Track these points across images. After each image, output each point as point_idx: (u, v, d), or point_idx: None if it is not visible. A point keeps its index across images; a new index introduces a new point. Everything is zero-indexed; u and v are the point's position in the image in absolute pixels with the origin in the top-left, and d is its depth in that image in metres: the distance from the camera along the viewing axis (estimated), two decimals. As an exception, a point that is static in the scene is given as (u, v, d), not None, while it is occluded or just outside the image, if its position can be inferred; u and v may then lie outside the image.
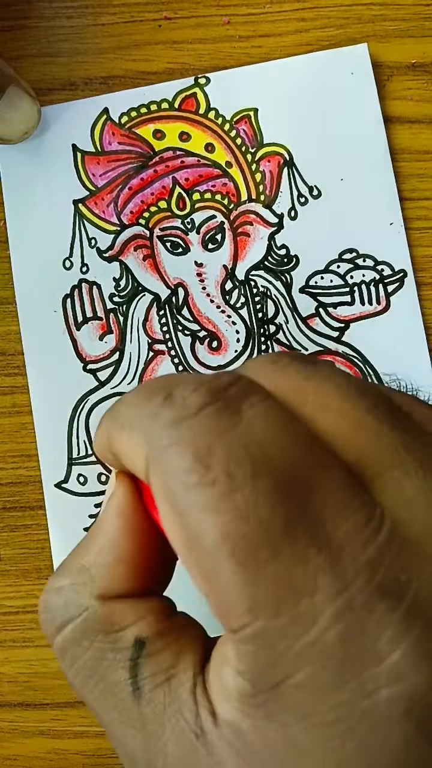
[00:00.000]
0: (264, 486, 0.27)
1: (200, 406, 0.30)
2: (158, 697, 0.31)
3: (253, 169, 0.55)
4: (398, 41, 0.56)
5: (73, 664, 0.33)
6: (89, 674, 0.33)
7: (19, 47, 0.57)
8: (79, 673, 0.33)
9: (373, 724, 0.26)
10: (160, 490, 0.29)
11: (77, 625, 0.34)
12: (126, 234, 0.55)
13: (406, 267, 0.54)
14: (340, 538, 0.27)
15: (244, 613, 0.27)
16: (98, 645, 0.33)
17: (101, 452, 0.36)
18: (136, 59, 0.57)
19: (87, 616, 0.34)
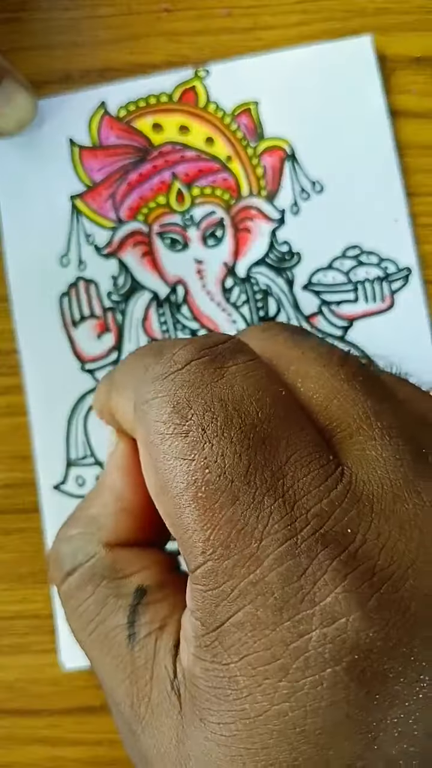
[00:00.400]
0: (232, 437, 0.30)
1: (186, 361, 0.32)
2: (149, 644, 0.33)
3: (254, 163, 0.54)
4: (402, 35, 0.55)
5: (76, 608, 0.35)
6: (90, 618, 0.35)
7: (14, 39, 0.56)
8: (81, 617, 0.35)
9: (305, 664, 0.27)
10: (141, 440, 0.32)
11: (84, 570, 0.36)
12: (124, 230, 0.54)
13: (411, 264, 0.53)
14: (297, 490, 0.29)
15: (199, 554, 0.29)
16: (102, 589, 0.35)
17: (100, 412, 0.39)
18: (135, 52, 0.56)
19: (94, 562, 0.36)
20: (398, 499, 0.29)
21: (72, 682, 0.54)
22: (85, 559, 0.36)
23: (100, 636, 0.34)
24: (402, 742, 0.28)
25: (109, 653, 0.34)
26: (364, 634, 0.27)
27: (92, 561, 0.36)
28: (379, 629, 0.27)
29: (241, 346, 0.33)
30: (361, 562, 0.28)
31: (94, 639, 0.34)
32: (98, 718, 0.53)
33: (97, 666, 0.35)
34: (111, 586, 0.35)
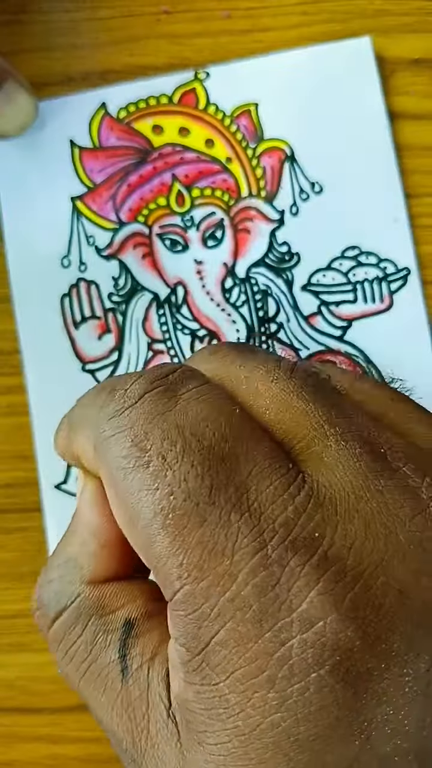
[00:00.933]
0: (192, 461, 0.30)
1: (140, 395, 0.32)
2: (142, 676, 0.33)
3: (253, 164, 0.54)
4: (401, 36, 0.56)
5: (66, 651, 0.35)
6: (82, 659, 0.34)
7: (15, 41, 0.56)
8: (73, 660, 0.34)
9: (290, 672, 0.28)
10: (104, 477, 0.32)
11: (70, 611, 0.35)
12: (125, 231, 0.55)
13: (410, 264, 0.53)
14: (262, 502, 0.29)
15: (175, 579, 0.29)
16: (90, 628, 0.35)
17: (63, 454, 0.39)
18: (135, 53, 0.56)
19: (79, 602, 0.35)
20: (361, 500, 0.30)
21: (73, 680, 0.54)
22: (69, 601, 0.36)
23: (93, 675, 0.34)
24: (394, 738, 0.28)
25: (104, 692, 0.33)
26: (343, 635, 0.27)
27: (77, 601, 0.36)
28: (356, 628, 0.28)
29: (192, 373, 0.34)
30: (332, 564, 0.28)
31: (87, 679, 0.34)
32: (99, 716, 0.54)
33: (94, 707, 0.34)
34: (99, 624, 0.35)
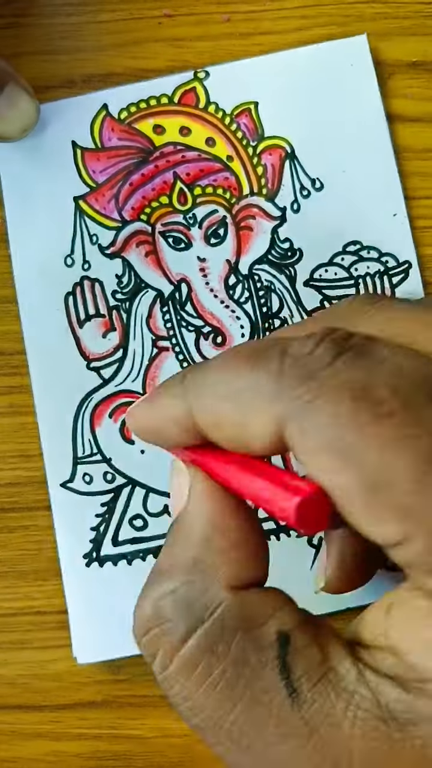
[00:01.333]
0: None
1: (333, 355, 0.29)
2: (321, 696, 0.29)
3: (254, 162, 0.55)
4: (399, 39, 0.56)
5: (206, 678, 0.30)
6: (230, 685, 0.30)
7: (17, 44, 0.57)
8: (216, 688, 0.30)
9: None
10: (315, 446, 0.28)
11: (210, 626, 0.31)
12: (128, 230, 0.55)
13: (410, 258, 0.54)
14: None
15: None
16: (239, 646, 0.30)
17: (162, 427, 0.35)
18: (136, 56, 0.57)
19: (222, 613, 0.31)
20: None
21: (74, 677, 0.54)
22: (206, 612, 0.31)
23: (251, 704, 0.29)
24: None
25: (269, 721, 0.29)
26: None
27: (218, 612, 0.31)
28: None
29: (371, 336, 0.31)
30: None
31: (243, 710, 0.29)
32: (100, 712, 0.54)
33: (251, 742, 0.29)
34: (249, 639, 0.30)
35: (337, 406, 0.28)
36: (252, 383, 0.30)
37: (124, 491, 0.53)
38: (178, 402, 0.33)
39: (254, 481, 0.32)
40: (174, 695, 0.31)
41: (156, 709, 0.53)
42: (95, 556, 0.53)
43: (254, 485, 0.32)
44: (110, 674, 0.54)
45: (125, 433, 0.54)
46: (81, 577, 0.53)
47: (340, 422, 0.28)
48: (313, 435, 0.28)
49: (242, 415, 0.31)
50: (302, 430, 0.29)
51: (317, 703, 0.29)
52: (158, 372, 0.54)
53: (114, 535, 0.53)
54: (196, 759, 0.53)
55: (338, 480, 0.28)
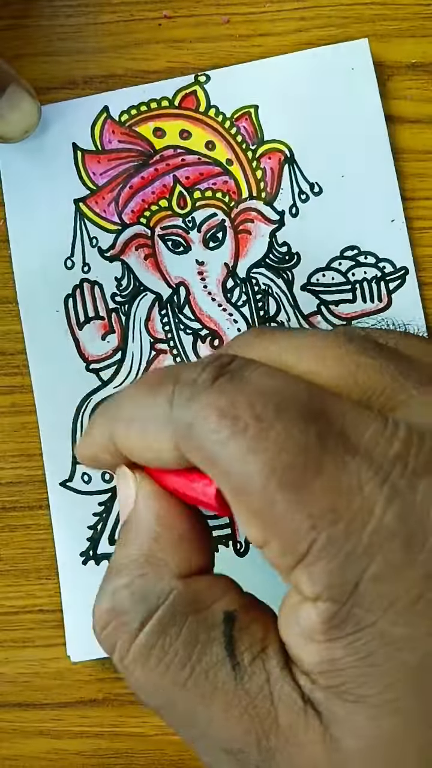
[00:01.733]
0: (291, 416, 0.30)
1: (211, 380, 0.32)
2: (258, 669, 0.31)
3: (253, 166, 0.55)
4: (398, 41, 0.56)
5: (161, 659, 0.32)
6: (183, 663, 0.32)
7: (18, 46, 0.57)
8: (170, 667, 0.32)
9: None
10: (201, 460, 0.31)
11: (163, 612, 0.33)
12: (127, 233, 0.55)
13: (407, 264, 0.54)
14: (367, 443, 0.30)
15: (307, 532, 0.29)
16: (189, 627, 0.33)
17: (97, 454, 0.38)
18: (136, 58, 0.57)
19: (173, 600, 0.33)
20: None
21: (75, 675, 0.54)
22: (158, 600, 0.33)
23: (200, 679, 0.32)
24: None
25: (215, 695, 0.31)
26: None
27: (170, 599, 0.33)
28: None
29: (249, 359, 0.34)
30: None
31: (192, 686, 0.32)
32: (101, 711, 0.54)
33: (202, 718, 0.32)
34: (198, 621, 0.33)
35: (209, 425, 0.30)
36: (151, 410, 0.33)
37: (122, 491, 0.54)
38: (103, 430, 0.36)
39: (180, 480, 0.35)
40: (134, 682, 0.33)
41: (157, 707, 0.54)
42: (92, 554, 0.53)
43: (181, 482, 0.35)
44: (111, 672, 0.54)
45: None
46: (77, 576, 0.54)
47: (211, 439, 0.30)
48: (197, 452, 0.31)
49: (147, 439, 0.34)
50: (190, 448, 0.32)
51: (255, 675, 0.31)
52: (156, 374, 0.54)
53: (111, 534, 0.53)
54: (197, 757, 0.53)
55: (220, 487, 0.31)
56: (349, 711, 0.29)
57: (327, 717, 0.30)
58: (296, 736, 0.30)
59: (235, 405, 0.30)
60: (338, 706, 0.30)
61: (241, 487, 0.30)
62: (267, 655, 0.32)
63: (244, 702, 0.31)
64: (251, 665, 0.32)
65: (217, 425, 0.30)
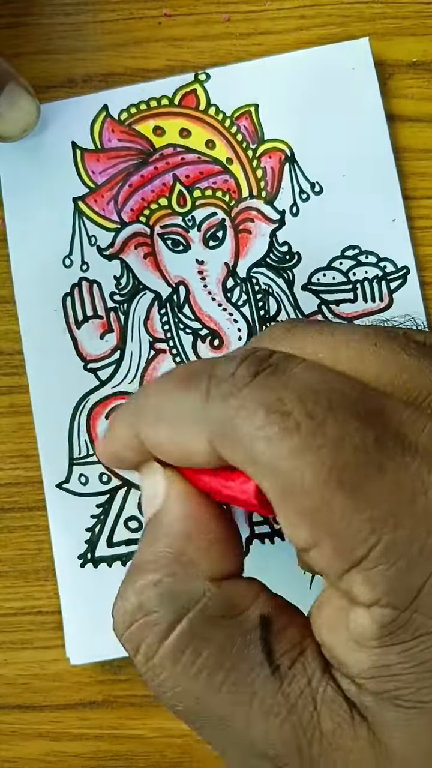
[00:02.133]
0: (345, 414, 0.29)
1: (252, 374, 0.31)
2: (299, 672, 0.31)
3: (254, 165, 0.55)
4: (399, 39, 0.56)
5: (193, 663, 0.31)
6: (216, 668, 0.31)
7: (17, 44, 0.57)
8: (203, 672, 0.31)
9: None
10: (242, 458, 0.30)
11: (196, 614, 0.32)
12: (126, 232, 0.55)
13: (408, 264, 0.54)
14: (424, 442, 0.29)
15: (367, 536, 0.28)
16: (224, 631, 0.32)
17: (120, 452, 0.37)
18: (136, 56, 0.56)
19: (206, 602, 0.33)
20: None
21: (74, 677, 0.54)
22: (190, 602, 0.32)
23: (236, 684, 0.31)
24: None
25: (254, 699, 0.31)
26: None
27: (203, 601, 0.32)
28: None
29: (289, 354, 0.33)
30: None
31: (227, 691, 0.31)
32: (100, 713, 0.54)
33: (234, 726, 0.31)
34: (233, 624, 0.32)
35: (253, 422, 0.30)
36: (184, 406, 0.33)
37: (120, 492, 0.53)
38: (127, 427, 0.36)
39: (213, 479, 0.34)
40: (160, 684, 0.32)
41: (157, 709, 0.53)
42: (90, 557, 0.53)
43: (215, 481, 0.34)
44: (111, 674, 0.54)
45: (122, 434, 0.54)
46: (75, 578, 0.53)
47: (257, 436, 0.29)
48: (237, 450, 0.30)
49: (179, 436, 0.33)
50: (228, 446, 0.31)
51: (296, 679, 0.31)
52: (155, 374, 0.54)
53: (109, 536, 0.53)
54: (197, 759, 0.53)
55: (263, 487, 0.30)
56: (403, 717, 0.29)
57: (376, 722, 0.29)
58: (341, 741, 0.30)
59: (282, 401, 0.30)
60: (390, 711, 0.29)
61: (290, 487, 0.29)
62: (306, 658, 0.31)
63: (284, 707, 0.30)
64: (291, 669, 0.31)
65: (263, 422, 0.29)
